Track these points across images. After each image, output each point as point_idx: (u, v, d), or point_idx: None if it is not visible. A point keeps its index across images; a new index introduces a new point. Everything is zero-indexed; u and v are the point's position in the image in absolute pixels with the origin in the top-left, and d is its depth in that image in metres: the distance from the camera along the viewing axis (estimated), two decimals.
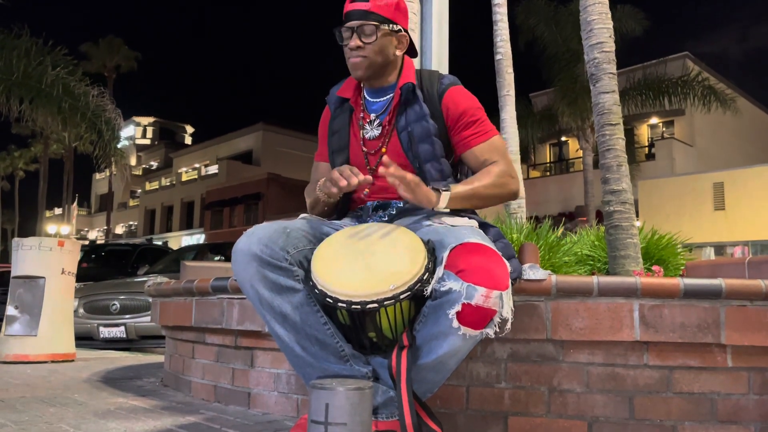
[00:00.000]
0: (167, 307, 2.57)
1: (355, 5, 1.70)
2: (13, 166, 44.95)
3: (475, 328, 1.38)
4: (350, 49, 1.71)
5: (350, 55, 1.72)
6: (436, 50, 3.18)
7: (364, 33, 1.69)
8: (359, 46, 1.70)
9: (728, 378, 1.69)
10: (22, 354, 3.73)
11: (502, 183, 1.71)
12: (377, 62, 1.73)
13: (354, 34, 1.70)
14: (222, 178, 34.48)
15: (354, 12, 1.70)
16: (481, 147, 1.74)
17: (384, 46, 1.72)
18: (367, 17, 1.69)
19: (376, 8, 1.69)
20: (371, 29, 1.69)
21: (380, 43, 1.71)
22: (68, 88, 8.84)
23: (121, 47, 34.21)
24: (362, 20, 1.69)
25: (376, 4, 1.69)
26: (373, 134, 1.77)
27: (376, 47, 1.70)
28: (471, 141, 1.74)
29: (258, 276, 1.48)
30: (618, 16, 13.71)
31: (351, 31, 1.70)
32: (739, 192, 16.43)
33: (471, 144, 1.74)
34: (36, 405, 2.16)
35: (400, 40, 1.75)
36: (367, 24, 1.69)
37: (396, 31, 1.73)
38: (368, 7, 1.69)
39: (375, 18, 1.69)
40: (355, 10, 1.70)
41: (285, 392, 2.04)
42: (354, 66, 1.73)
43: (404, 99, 1.73)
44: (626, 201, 3.04)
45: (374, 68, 1.73)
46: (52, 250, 3.91)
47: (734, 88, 21.27)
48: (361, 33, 1.69)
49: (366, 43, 1.69)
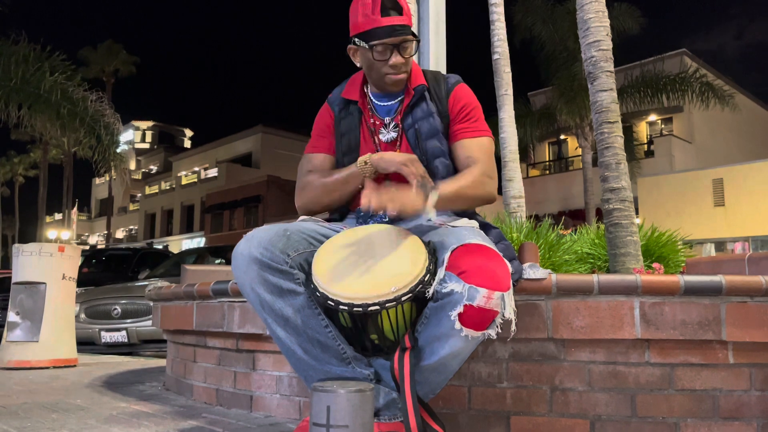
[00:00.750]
0: (168, 311, 2.57)
1: (392, 20, 1.62)
2: (13, 171, 44.96)
3: (477, 329, 1.38)
4: (392, 66, 1.66)
5: (391, 71, 1.67)
6: (433, 50, 3.18)
7: (405, 49, 1.65)
8: (403, 63, 1.66)
9: (730, 374, 1.69)
10: (23, 360, 3.73)
11: (481, 182, 1.69)
12: (410, 72, 1.73)
13: (395, 50, 1.65)
14: (222, 181, 34.47)
15: (391, 28, 1.62)
16: (469, 141, 1.74)
17: (415, 53, 1.71)
18: (407, 32, 1.64)
19: (409, 19, 1.66)
20: (411, 44, 1.66)
21: (414, 54, 1.70)
22: (67, 93, 8.85)
23: (120, 52, 34.23)
24: (403, 35, 1.64)
25: (408, 15, 1.65)
26: (391, 137, 1.77)
27: (411, 59, 1.70)
28: (460, 133, 1.75)
29: (258, 279, 1.48)
30: (615, 14, 13.74)
31: (391, 48, 1.64)
32: (739, 188, 16.44)
33: (459, 136, 1.75)
34: (38, 411, 2.16)
35: (418, 40, 1.74)
36: (408, 40, 1.65)
37: None
38: (406, 21, 1.64)
39: (410, 31, 1.65)
40: (395, 26, 1.62)
41: (287, 395, 2.04)
42: (396, 83, 1.70)
43: (415, 100, 1.74)
44: (626, 199, 3.04)
45: (408, 78, 1.73)
46: (52, 256, 3.91)
47: (732, 84, 21.29)
48: (403, 50, 1.65)
49: (407, 58, 1.67)
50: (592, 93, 3.19)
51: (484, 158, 1.73)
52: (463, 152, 1.74)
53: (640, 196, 17.52)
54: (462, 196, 1.65)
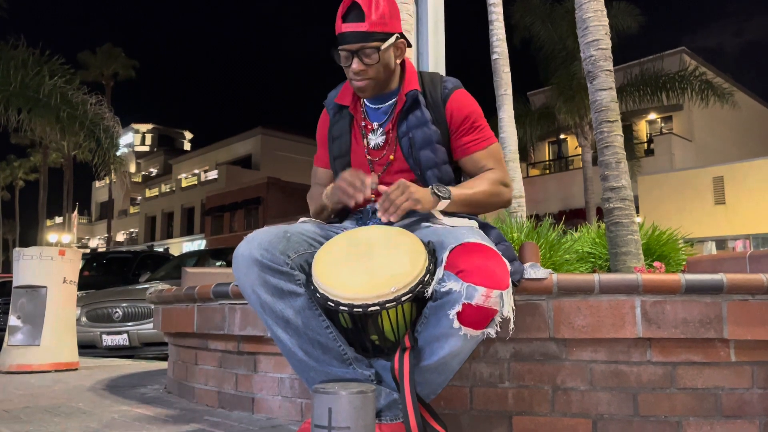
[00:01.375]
0: (169, 313, 2.57)
1: (350, 26, 1.58)
2: (13, 176, 44.99)
3: (476, 328, 1.38)
4: (353, 72, 1.64)
5: (353, 78, 1.65)
6: (432, 51, 3.18)
7: (365, 55, 1.61)
8: (363, 70, 1.63)
9: (732, 373, 1.69)
10: (25, 364, 3.73)
11: (497, 191, 1.73)
12: (381, 79, 1.68)
13: (354, 57, 1.62)
14: (222, 184, 34.49)
15: (351, 34, 1.59)
16: (480, 154, 1.75)
17: (387, 61, 1.65)
18: (367, 39, 1.59)
19: (374, 26, 1.58)
20: (372, 51, 1.61)
21: (383, 60, 1.64)
22: (66, 97, 8.86)
23: (119, 55, 34.24)
24: (362, 42, 1.60)
25: (373, 22, 1.58)
26: (378, 142, 1.76)
27: (380, 66, 1.64)
28: (471, 147, 1.75)
29: (259, 281, 1.48)
30: (613, 13, 13.74)
31: (351, 54, 1.62)
32: (739, 186, 16.44)
33: (470, 150, 1.75)
34: (40, 415, 2.16)
35: (398, 47, 1.69)
36: (367, 47, 1.60)
37: (395, 41, 1.65)
38: (366, 28, 1.58)
39: (375, 38, 1.59)
40: (352, 32, 1.58)
41: (289, 396, 2.04)
42: (360, 89, 1.68)
43: (407, 106, 1.72)
44: (626, 197, 3.04)
45: (380, 85, 1.69)
46: (53, 260, 3.91)
47: (732, 82, 21.29)
48: (362, 56, 1.61)
49: (369, 65, 1.62)
50: (592, 92, 3.19)
51: (497, 166, 1.76)
52: (475, 164, 1.76)
53: (641, 195, 17.52)
54: (474, 202, 1.68)
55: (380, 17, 1.59)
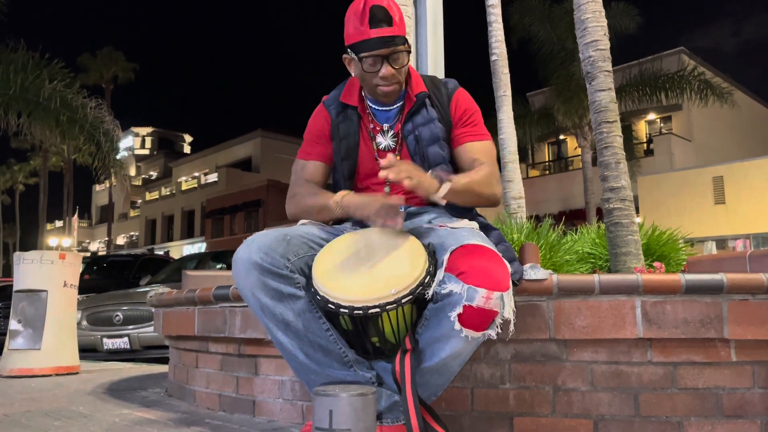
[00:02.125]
0: (170, 316, 2.57)
1: (380, 31, 1.58)
2: (13, 179, 44.99)
3: (476, 329, 1.38)
4: (382, 78, 1.64)
5: (382, 83, 1.65)
6: (431, 52, 3.19)
7: (396, 61, 1.62)
8: (393, 75, 1.64)
9: (733, 372, 1.69)
10: (26, 368, 3.73)
11: (489, 183, 1.71)
12: (404, 82, 1.72)
13: (385, 61, 1.62)
14: (222, 186, 34.51)
15: (380, 39, 1.58)
16: (473, 145, 1.76)
17: (408, 64, 1.69)
18: (396, 42, 1.60)
19: (399, 30, 1.61)
20: (403, 55, 1.63)
21: (407, 63, 1.68)
22: (66, 100, 8.87)
23: (119, 58, 34.28)
24: (393, 47, 1.60)
25: (398, 26, 1.60)
26: (388, 144, 1.76)
27: (404, 70, 1.68)
28: (463, 138, 1.76)
29: (259, 284, 1.48)
30: (612, 14, 13.74)
31: (381, 59, 1.61)
32: (739, 185, 16.44)
33: (463, 140, 1.76)
34: (41, 419, 2.16)
35: (409, 50, 1.70)
36: (399, 50, 1.61)
37: None
38: (395, 32, 1.59)
39: (401, 41, 1.61)
40: (383, 37, 1.58)
41: (290, 399, 2.04)
42: (388, 94, 1.68)
43: (416, 107, 1.73)
44: (626, 198, 3.04)
45: (402, 88, 1.72)
46: (53, 263, 3.91)
47: (730, 81, 21.30)
48: (393, 61, 1.62)
49: (398, 69, 1.64)
50: (591, 93, 3.19)
51: (490, 161, 1.75)
52: (468, 155, 1.75)
53: (641, 195, 17.53)
54: (472, 190, 1.65)
55: (401, 21, 1.63)
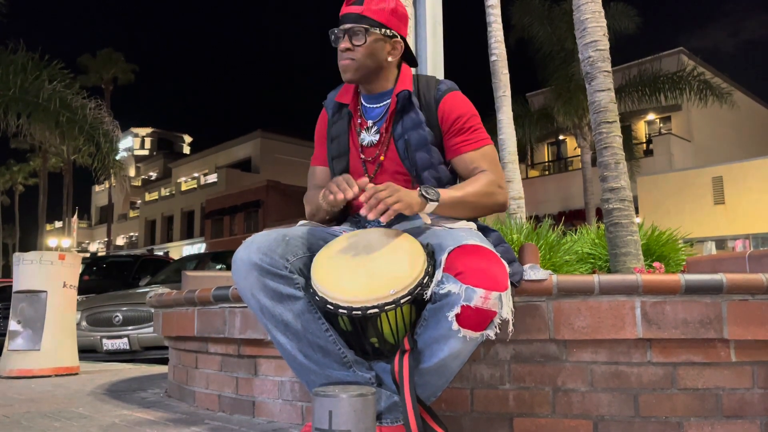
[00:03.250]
0: (169, 317, 2.57)
1: (348, 8, 1.70)
2: (13, 180, 44.96)
3: (475, 329, 1.38)
4: (340, 51, 1.72)
5: (340, 57, 1.72)
6: (431, 53, 3.19)
7: (354, 35, 1.69)
8: (348, 48, 1.70)
9: (732, 373, 1.69)
10: (25, 369, 3.73)
11: (490, 192, 1.69)
12: (366, 65, 1.71)
13: (345, 36, 1.70)
14: (221, 187, 34.50)
15: (347, 15, 1.70)
16: (472, 155, 1.73)
17: (375, 50, 1.70)
18: (359, 21, 1.68)
19: (369, 12, 1.69)
20: (361, 32, 1.69)
21: (371, 47, 1.70)
22: (65, 101, 8.87)
23: (119, 59, 34.26)
24: (354, 23, 1.69)
25: (369, 8, 1.69)
26: (371, 140, 1.76)
27: (366, 51, 1.69)
28: (462, 147, 1.73)
29: (258, 285, 1.49)
30: (611, 14, 13.75)
31: (343, 34, 1.71)
32: (739, 185, 16.44)
33: (461, 150, 1.73)
34: (40, 420, 2.16)
35: (393, 45, 1.73)
36: (357, 27, 1.69)
37: (389, 36, 1.71)
38: (360, 11, 1.69)
39: (367, 22, 1.68)
40: (348, 14, 1.70)
41: (289, 400, 2.04)
42: (343, 68, 1.73)
43: (401, 106, 1.72)
44: (625, 198, 3.04)
45: (363, 72, 1.72)
46: (53, 264, 3.91)
47: (730, 81, 21.31)
48: (352, 35, 1.69)
49: (356, 45, 1.69)
50: (590, 93, 3.19)
51: (491, 167, 1.72)
52: (466, 165, 1.73)
53: (640, 196, 17.52)
54: (465, 203, 1.64)
55: (379, 8, 1.69)
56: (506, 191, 1.76)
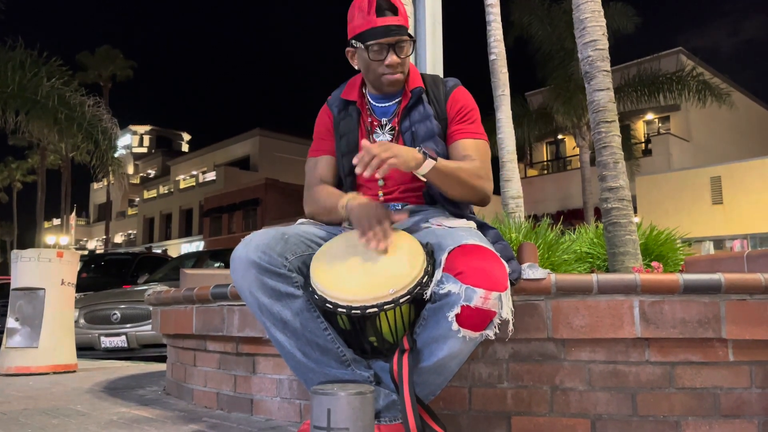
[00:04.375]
0: (168, 315, 2.57)
1: (386, 20, 1.63)
2: (11, 177, 44.90)
3: (475, 329, 1.38)
4: (388, 66, 1.67)
5: (387, 71, 1.68)
6: (430, 52, 3.19)
7: (401, 49, 1.66)
8: (399, 63, 1.67)
9: (730, 372, 1.69)
10: (23, 366, 3.73)
11: (478, 175, 1.69)
12: (407, 73, 1.74)
13: (391, 50, 1.66)
14: (220, 185, 34.47)
15: (386, 28, 1.63)
16: (466, 142, 1.74)
17: (410, 54, 1.72)
18: (402, 32, 1.65)
19: (405, 20, 1.66)
20: (408, 43, 1.67)
21: (411, 54, 1.71)
22: (64, 98, 8.86)
23: (117, 56, 34.20)
24: (399, 36, 1.65)
25: (404, 16, 1.66)
26: (386, 139, 1.77)
27: (408, 60, 1.71)
28: (457, 134, 1.75)
29: (257, 283, 1.48)
30: (610, 14, 13.75)
31: (387, 47, 1.66)
32: (737, 185, 16.47)
33: (457, 136, 1.75)
34: (38, 417, 2.16)
35: (411, 45, 1.74)
36: (404, 40, 1.66)
37: None
38: (401, 22, 1.64)
39: (406, 32, 1.66)
40: (390, 26, 1.64)
41: (288, 398, 2.04)
42: (393, 83, 1.71)
43: (413, 102, 1.74)
44: (624, 198, 3.04)
45: (405, 79, 1.74)
46: (51, 261, 3.90)
47: (729, 82, 21.33)
48: (399, 50, 1.66)
49: (404, 57, 1.68)
50: (589, 92, 3.19)
51: (481, 158, 1.73)
52: (459, 152, 1.73)
53: (639, 195, 17.54)
54: (457, 175, 1.62)
55: (405, 12, 1.67)
56: (490, 183, 1.74)
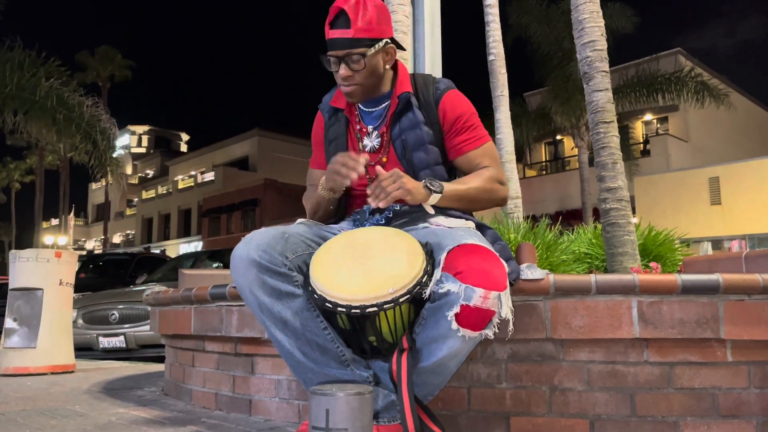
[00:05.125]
0: (166, 315, 2.57)
1: (336, 32, 1.60)
2: (9, 178, 44.84)
3: (474, 329, 1.38)
4: (341, 78, 1.66)
5: (341, 83, 1.68)
6: (429, 52, 3.19)
7: (352, 61, 1.63)
8: (350, 76, 1.65)
9: (729, 372, 1.69)
10: (21, 366, 3.72)
11: (491, 188, 1.73)
12: (370, 84, 1.69)
13: (342, 62, 1.63)
14: (218, 185, 34.46)
15: (338, 40, 1.60)
16: (474, 153, 1.75)
17: (375, 67, 1.67)
18: (353, 45, 1.60)
19: (360, 33, 1.59)
20: (358, 56, 1.62)
21: (370, 66, 1.65)
22: (62, 99, 8.86)
23: (116, 56, 34.17)
24: (348, 49, 1.61)
25: (359, 28, 1.59)
26: (374, 145, 1.77)
27: (367, 71, 1.66)
28: (464, 147, 1.75)
29: (257, 282, 1.48)
30: (608, 14, 13.75)
31: (339, 60, 1.64)
32: (735, 186, 16.49)
33: (464, 149, 1.75)
34: (37, 418, 2.16)
35: (387, 52, 1.70)
36: (353, 53, 1.61)
37: (383, 46, 1.66)
38: (351, 35, 1.59)
39: (361, 44, 1.61)
40: (338, 39, 1.60)
41: (286, 398, 2.04)
42: (348, 94, 1.70)
43: (400, 108, 1.72)
44: (622, 198, 3.04)
45: (368, 89, 1.71)
46: (49, 262, 3.90)
47: (727, 82, 21.36)
48: (349, 61, 1.63)
49: (356, 71, 1.64)
50: (588, 93, 3.19)
51: (492, 163, 1.76)
52: (470, 163, 1.75)
53: (637, 196, 17.55)
54: (467, 197, 1.68)
55: (367, 23, 1.60)
56: (506, 186, 1.79)
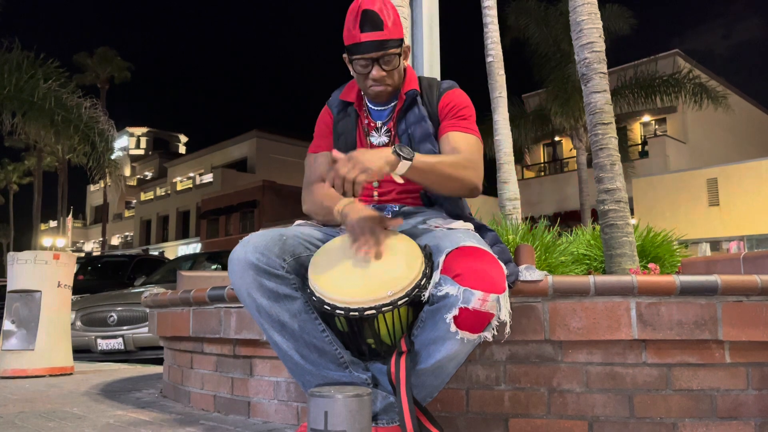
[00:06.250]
0: (165, 317, 2.56)
1: (369, 35, 1.63)
2: (7, 179, 44.76)
3: (473, 331, 1.38)
4: (372, 79, 1.68)
5: (372, 83, 1.70)
6: (427, 54, 3.19)
7: (386, 63, 1.67)
8: (384, 76, 1.68)
9: (727, 374, 1.69)
10: (19, 369, 3.71)
11: (463, 165, 1.64)
12: (397, 83, 1.74)
13: (375, 64, 1.66)
14: (217, 187, 34.43)
15: (370, 43, 1.64)
16: (457, 135, 1.72)
17: (400, 66, 1.73)
18: (387, 46, 1.64)
19: (391, 34, 1.65)
20: (393, 57, 1.67)
21: (399, 65, 1.72)
22: (61, 100, 8.85)
23: (115, 58, 34.14)
24: (382, 50, 1.64)
25: (390, 30, 1.64)
26: (382, 141, 1.78)
27: (397, 71, 1.72)
28: (447, 128, 1.74)
29: (255, 284, 1.48)
30: (606, 15, 13.79)
31: (371, 62, 1.66)
32: (733, 187, 16.52)
33: (446, 130, 1.73)
34: (35, 420, 2.15)
35: (405, 52, 1.75)
36: (388, 54, 1.65)
37: (404, 45, 1.72)
38: (386, 36, 1.64)
39: (393, 44, 1.66)
40: (372, 41, 1.63)
41: (285, 400, 2.04)
42: (378, 95, 1.72)
43: (407, 105, 1.75)
44: (620, 199, 3.05)
45: (395, 89, 1.75)
46: (47, 264, 3.89)
47: (725, 84, 21.43)
48: (383, 63, 1.67)
49: (388, 71, 1.68)
50: (586, 94, 3.20)
51: (468, 149, 1.69)
52: (448, 144, 1.71)
53: (635, 197, 17.57)
54: (439, 170, 1.58)
55: (393, 24, 1.65)
56: (477, 173, 1.68)
